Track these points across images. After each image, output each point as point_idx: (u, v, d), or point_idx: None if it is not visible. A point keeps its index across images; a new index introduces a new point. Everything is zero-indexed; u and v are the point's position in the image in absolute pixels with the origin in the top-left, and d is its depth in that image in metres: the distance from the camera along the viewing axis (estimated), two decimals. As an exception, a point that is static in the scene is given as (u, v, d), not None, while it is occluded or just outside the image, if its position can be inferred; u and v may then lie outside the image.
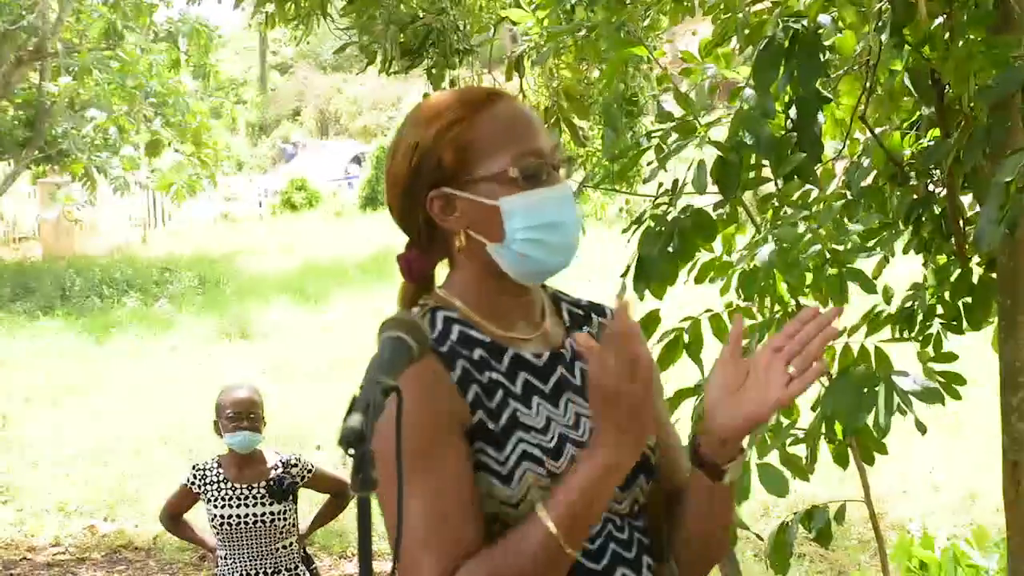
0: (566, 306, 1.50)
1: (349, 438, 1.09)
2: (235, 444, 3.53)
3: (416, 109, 1.42)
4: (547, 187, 1.36)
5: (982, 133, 2.61)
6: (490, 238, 1.36)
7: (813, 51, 2.51)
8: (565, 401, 1.39)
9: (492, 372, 1.35)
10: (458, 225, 1.37)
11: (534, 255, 1.36)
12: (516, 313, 1.41)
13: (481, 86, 1.46)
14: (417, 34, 4.77)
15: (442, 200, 1.37)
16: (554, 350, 1.42)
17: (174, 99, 12.83)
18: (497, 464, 1.30)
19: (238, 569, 3.54)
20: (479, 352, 1.36)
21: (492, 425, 1.31)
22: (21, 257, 17.00)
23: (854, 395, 2.33)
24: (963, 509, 5.91)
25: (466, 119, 1.37)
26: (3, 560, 5.94)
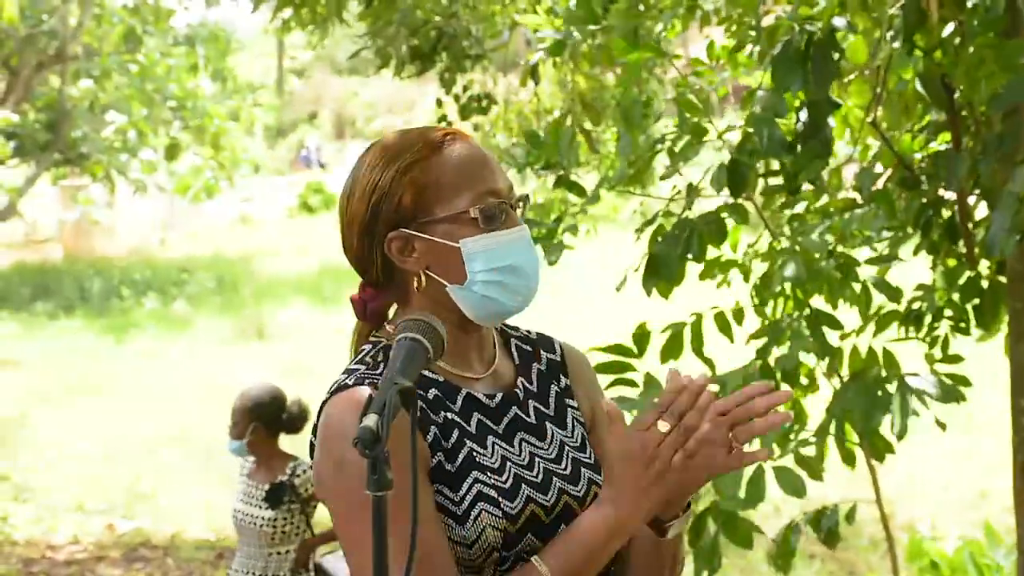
0: (515, 341, 1.49)
1: (364, 439, 1.11)
2: (230, 450, 3.59)
3: (371, 150, 1.41)
4: (506, 229, 1.37)
5: (994, 140, 2.62)
6: (450, 280, 1.36)
7: (827, 55, 2.54)
8: (519, 441, 1.39)
9: (447, 412, 1.35)
10: (417, 266, 1.37)
11: (496, 297, 1.36)
12: (470, 352, 1.41)
13: (437, 126, 1.46)
14: (429, 38, 4.81)
15: (401, 241, 1.37)
16: (507, 390, 1.42)
17: (192, 103, 12.92)
18: (452, 504, 1.30)
19: (240, 564, 3.58)
20: (433, 391, 1.36)
21: (449, 466, 1.31)
22: (41, 258, 17.13)
23: (867, 397, 2.34)
24: (973, 509, 5.89)
25: (425, 159, 1.37)
26: (23, 558, 6.01)
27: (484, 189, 1.37)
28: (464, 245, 1.35)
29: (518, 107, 6.25)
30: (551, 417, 1.44)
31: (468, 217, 1.36)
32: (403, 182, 1.36)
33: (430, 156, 1.37)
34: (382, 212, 1.37)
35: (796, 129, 2.63)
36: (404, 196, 1.36)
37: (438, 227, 1.36)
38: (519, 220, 1.40)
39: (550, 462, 1.39)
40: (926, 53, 2.72)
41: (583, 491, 1.39)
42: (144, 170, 13.33)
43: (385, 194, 1.37)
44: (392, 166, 1.37)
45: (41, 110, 13.17)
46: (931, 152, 3.01)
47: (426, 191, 1.36)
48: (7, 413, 8.71)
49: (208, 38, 13.69)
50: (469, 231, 1.36)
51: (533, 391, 1.45)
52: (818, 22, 2.59)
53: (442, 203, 1.36)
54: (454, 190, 1.36)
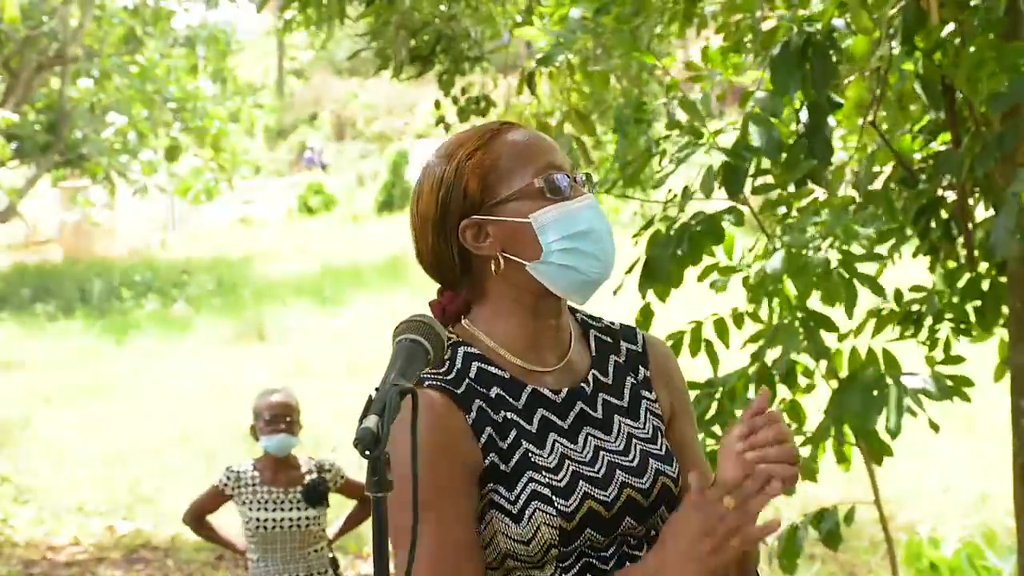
0: (594, 333, 1.49)
1: (364, 440, 1.12)
2: (271, 447, 3.54)
3: (432, 154, 1.45)
4: (573, 200, 1.39)
5: (994, 140, 2.62)
6: (527, 256, 1.38)
7: (826, 55, 2.54)
8: (584, 436, 1.39)
9: (508, 411, 1.36)
10: (492, 250, 1.38)
11: (575, 265, 1.37)
12: (545, 341, 1.42)
13: (492, 121, 1.49)
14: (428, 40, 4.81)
15: (474, 228, 1.39)
16: (573, 387, 1.42)
17: (193, 104, 12.93)
18: (508, 503, 1.32)
19: (271, 571, 3.54)
20: (496, 390, 1.37)
21: (503, 466, 1.33)
22: (41, 260, 17.14)
23: (864, 397, 2.35)
24: (974, 511, 5.89)
25: (484, 146, 1.40)
26: (23, 559, 6.01)
27: (545, 163, 1.40)
28: (534, 219, 1.37)
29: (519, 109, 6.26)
30: (622, 409, 1.44)
31: (534, 190, 1.38)
32: (466, 170, 1.39)
33: (489, 142, 1.41)
34: (451, 203, 1.39)
35: (796, 130, 2.63)
36: (469, 183, 1.39)
37: (507, 207, 1.38)
38: (585, 191, 1.42)
39: (616, 455, 1.39)
40: (926, 54, 2.72)
41: (649, 483, 1.39)
42: (144, 171, 13.35)
43: (451, 186, 1.39)
44: (454, 159, 1.41)
45: (41, 111, 13.19)
46: (931, 152, 3.02)
47: (490, 174, 1.39)
48: (7, 414, 8.71)
49: (208, 39, 13.71)
50: (537, 205, 1.38)
51: (606, 383, 1.45)
52: (817, 23, 2.60)
53: (506, 183, 1.39)
54: (516, 168, 1.39)
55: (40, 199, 17.60)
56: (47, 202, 18.44)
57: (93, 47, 12.26)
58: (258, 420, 3.56)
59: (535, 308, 1.40)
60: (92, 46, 12.25)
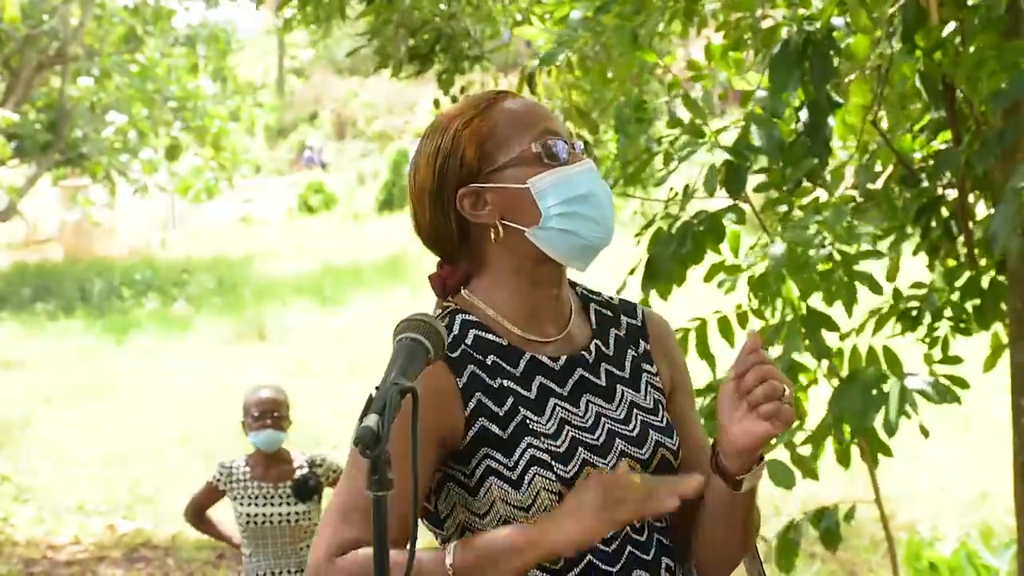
0: (594, 306, 1.48)
1: (365, 439, 1.12)
2: (259, 442, 3.56)
3: (428, 127, 1.44)
4: (571, 164, 1.39)
5: (994, 137, 2.62)
6: (526, 222, 1.37)
7: (826, 54, 2.54)
8: (585, 402, 1.38)
9: (505, 379, 1.35)
10: (491, 218, 1.38)
11: (574, 229, 1.36)
12: (545, 312, 1.41)
13: (488, 90, 1.49)
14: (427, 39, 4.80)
15: (472, 196, 1.38)
16: (572, 354, 1.41)
17: (193, 103, 12.94)
18: (507, 469, 1.31)
19: (262, 567, 3.56)
20: (492, 357, 1.36)
21: (501, 432, 1.32)
22: (42, 259, 17.14)
23: (863, 396, 2.35)
24: (974, 510, 5.90)
25: (480, 114, 1.39)
26: (24, 559, 6.02)
27: (542, 128, 1.39)
28: (532, 184, 1.37)
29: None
30: (624, 379, 1.43)
31: (531, 154, 1.38)
32: (462, 138, 1.39)
33: (485, 110, 1.40)
34: (448, 172, 1.39)
35: (796, 129, 2.63)
36: (466, 151, 1.38)
37: (504, 173, 1.38)
38: (583, 156, 1.42)
39: (617, 423, 1.39)
40: (926, 53, 2.72)
41: (648, 454, 1.39)
42: (145, 170, 13.35)
43: (448, 154, 1.39)
44: (450, 128, 1.40)
45: (42, 110, 13.19)
46: (931, 151, 3.02)
47: (487, 141, 1.38)
48: (8, 414, 8.72)
49: (208, 38, 13.72)
50: (535, 170, 1.37)
51: (608, 354, 1.44)
52: (816, 21, 2.60)
53: (504, 149, 1.38)
54: (513, 135, 1.39)
55: (40, 198, 17.60)
56: (47, 201, 18.45)
57: (93, 46, 12.27)
58: (247, 416, 3.58)
59: (535, 276, 1.39)
60: (92, 45, 12.26)
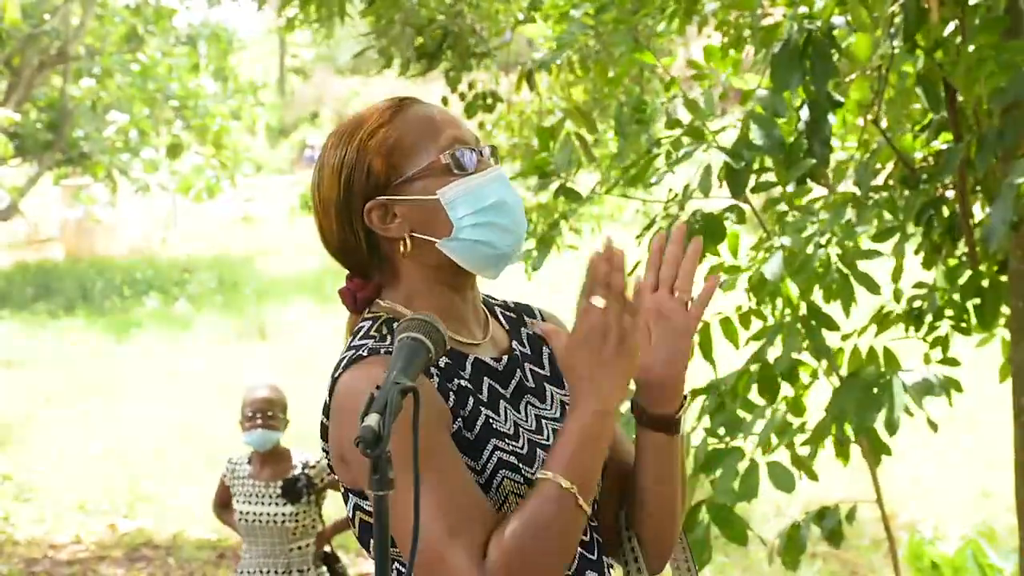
0: (499, 310, 1.48)
1: (366, 438, 1.11)
2: (251, 442, 3.57)
3: (330, 137, 1.40)
4: (481, 173, 1.36)
5: (994, 136, 2.62)
6: (437, 234, 1.34)
7: (826, 54, 2.54)
8: (525, 404, 1.38)
9: (460, 380, 1.33)
10: (400, 231, 1.35)
11: (487, 239, 1.34)
12: (468, 315, 1.40)
13: (391, 97, 1.45)
14: (434, 37, 4.80)
15: (380, 209, 1.35)
16: (509, 353, 1.41)
17: (194, 102, 12.94)
18: (475, 473, 1.29)
19: (253, 565, 3.58)
20: (444, 359, 1.33)
21: (468, 433, 1.30)
22: (43, 258, 17.14)
23: (864, 395, 2.35)
24: (975, 509, 5.89)
25: (385, 124, 1.36)
26: (25, 558, 6.02)
27: (451, 137, 1.37)
28: (442, 195, 1.34)
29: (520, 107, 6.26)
30: (548, 378, 1.43)
31: (440, 166, 1.35)
32: (368, 150, 1.35)
33: (391, 119, 1.37)
34: (355, 185, 1.36)
35: (797, 128, 2.63)
36: (373, 163, 1.35)
37: (413, 185, 1.35)
38: (492, 163, 1.39)
39: (555, 422, 1.38)
40: (927, 52, 2.72)
41: None
42: (146, 169, 13.36)
43: (353, 167, 1.36)
44: (354, 139, 1.37)
45: (43, 110, 13.19)
46: (932, 151, 3.01)
47: (393, 153, 1.35)
48: (9, 413, 8.72)
49: (210, 38, 13.71)
50: (444, 180, 1.35)
51: (528, 353, 1.44)
52: (817, 21, 2.60)
53: (411, 160, 1.35)
54: (421, 145, 1.36)
55: (42, 197, 17.61)
56: (49, 200, 18.46)
57: (95, 45, 12.27)
58: (242, 415, 3.59)
59: (453, 283, 1.37)
60: (94, 44, 12.26)
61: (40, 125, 13.01)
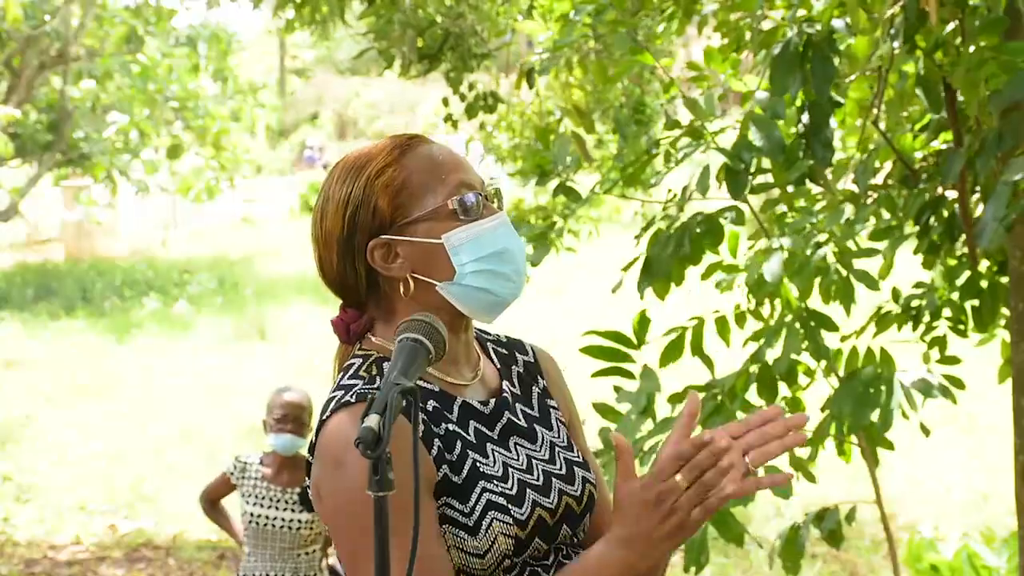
0: (491, 346, 1.48)
1: (366, 440, 1.12)
2: (278, 445, 3.56)
3: (336, 168, 1.40)
4: (486, 218, 1.36)
5: (994, 138, 2.62)
6: (438, 277, 1.34)
7: (826, 56, 2.54)
8: (514, 444, 1.38)
9: (447, 423, 1.33)
10: (402, 271, 1.35)
11: (488, 287, 1.34)
12: (460, 355, 1.40)
13: (400, 134, 1.44)
14: (435, 38, 4.81)
15: (383, 248, 1.35)
16: (496, 395, 1.41)
17: (194, 103, 12.94)
18: (463, 516, 1.29)
19: (259, 568, 3.57)
20: (432, 403, 1.34)
21: (455, 478, 1.30)
22: (43, 259, 17.15)
23: (861, 395, 2.35)
24: (975, 511, 5.89)
25: (394, 163, 1.36)
26: (25, 558, 6.02)
27: (457, 182, 1.37)
28: (447, 239, 1.35)
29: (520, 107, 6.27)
30: (537, 419, 1.44)
31: (447, 211, 1.35)
32: (375, 188, 1.35)
33: (399, 159, 1.37)
34: (359, 223, 1.35)
35: (797, 130, 2.63)
36: (379, 202, 1.35)
37: (418, 227, 1.35)
38: (496, 208, 1.39)
39: (546, 463, 1.39)
40: (926, 53, 2.72)
41: (579, 490, 1.39)
42: (146, 170, 13.36)
43: (359, 204, 1.35)
44: (362, 176, 1.36)
45: (43, 111, 13.19)
46: (932, 151, 3.02)
47: (400, 193, 1.35)
48: (9, 413, 8.72)
49: (210, 38, 13.71)
50: (449, 225, 1.35)
51: (518, 394, 1.44)
52: (816, 23, 2.60)
53: (418, 202, 1.35)
54: (428, 187, 1.36)
55: (42, 198, 17.61)
56: (49, 201, 18.45)
57: (95, 46, 12.27)
58: (269, 415, 3.58)
59: (449, 324, 1.35)
60: (94, 45, 12.26)
61: (40, 126, 13.01)
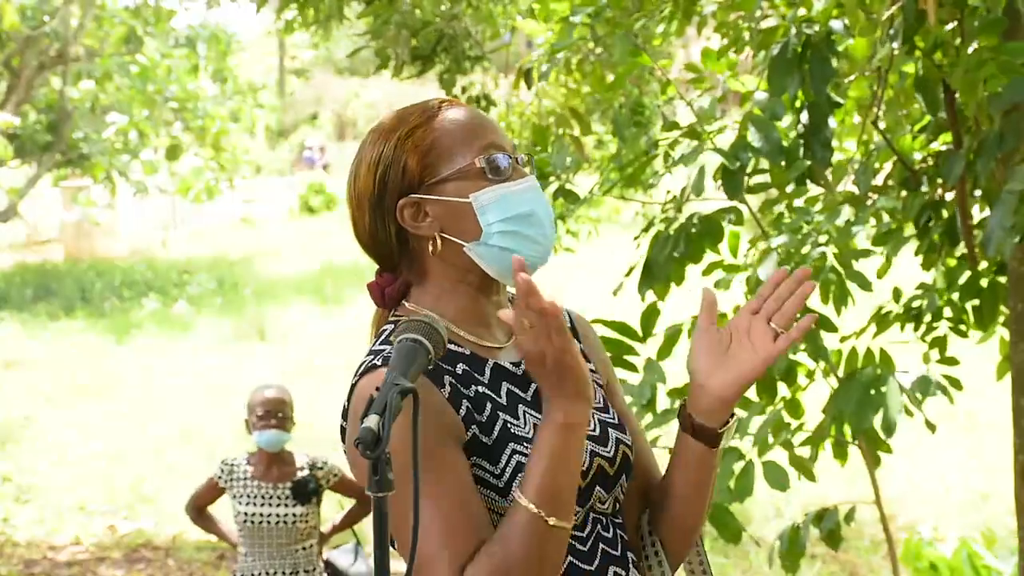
0: None
1: (365, 440, 1.12)
2: (262, 442, 3.57)
3: (370, 133, 1.43)
4: (514, 181, 1.38)
5: (994, 139, 2.62)
6: (465, 237, 1.36)
7: (825, 57, 2.55)
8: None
9: (477, 385, 1.35)
10: (431, 230, 1.37)
11: (513, 247, 1.35)
12: (492, 317, 1.41)
13: (432, 98, 1.46)
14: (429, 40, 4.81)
15: (412, 207, 1.37)
16: None
17: (193, 104, 12.94)
18: (493, 477, 1.31)
19: (257, 567, 3.58)
20: (461, 366, 1.35)
21: (485, 439, 1.32)
22: (43, 259, 17.15)
23: (861, 396, 2.36)
24: (974, 511, 5.90)
25: (424, 124, 1.38)
26: (24, 559, 6.02)
27: (486, 143, 1.38)
28: (475, 199, 1.36)
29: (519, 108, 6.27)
30: None
31: (475, 170, 1.37)
32: (405, 148, 1.38)
33: (429, 120, 1.39)
34: (389, 182, 1.38)
35: (796, 130, 2.64)
36: (409, 161, 1.37)
37: (447, 186, 1.36)
38: (526, 174, 1.41)
39: None
40: (925, 54, 2.72)
41: (612, 451, 1.40)
42: (145, 171, 13.35)
43: (390, 164, 1.38)
44: (392, 136, 1.39)
45: (42, 111, 13.20)
46: (932, 152, 3.02)
47: (430, 152, 1.37)
48: (9, 414, 8.72)
49: (209, 39, 13.72)
50: (478, 185, 1.37)
51: None
52: (815, 24, 2.60)
53: (447, 161, 1.37)
54: (458, 147, 1.37)
55: (41, 199, 17.61)
56: (48, 202, 18.45)
57: (94, 47, 12.27)
58: (251, 414, 3.59)
59: (480, 286, 1.39)
60: (93, 46, 12.26)
61: (39, 127, 13.01)
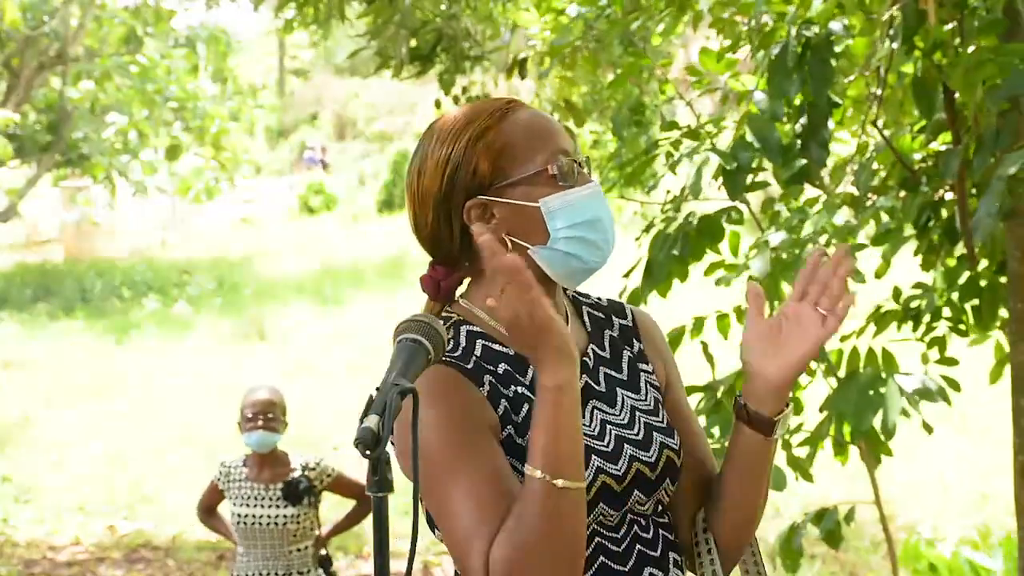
0: (586, 309, 1.50)
1: (365, 440, 1.12)
2: (250, 443, 3.58)
3: (435, 128, 1.43)
4: (581, 186, 1.39)
5: (991, 137, 2.62)
6: (532, 241, 1.38)
7: (824, 58, 2.55)
8: (591, 409, 1.40)
9: (517, 386, 1.36)
10: (497, 232, 1.37)
11: (579, 253, 1.37)
12: None
13: (498, 97, 1.47)
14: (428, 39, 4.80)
15: (480, 208, 1.38)
16: (580, 357, 1.42)
17: (193, 104, 12.94)
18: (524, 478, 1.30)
19: (252, 568, 3.58)
20: (503, 366, 1.37)
21: (520, 440, 1.33)
22: (42, 259, 17.14)
23: (861, 397, 2.36)
24: (974, 511, 5.90)
25: (495, 126, 1.39)
26: (24, 559, 6.02)
27: (556, 148, 1.40)
28: (544, 204, 1.37)
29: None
30: (623, 382, 1.45)
31: (546, 176, 1.38)
32: (476, 149, 1.38)
33: (500, 122, 1.40)
34: (458, 182, 1.38)
35: (795, 130, 2.64)
36: (480, 163, 1.38)
37: (516, 189, 1.38)
38: (590, 177, 1.42)
39: (621, 428, 1.40)
40: (925, 54, 2.72)
41: (655, 456, 1.40)
42: (145, 171, 13.37)
43: (460, 164, 1.38)
44: (463, 136, 1.39)
45: (42, 111, 13.20)
46: (931, 152, 3.02)
47: (501, 155, 1.38)
48: (8, 414, 8.72)
49: (209, 39, 13.73)
50: (547, 190, 1.38)
51: (605, 357, 1.46)
52: (815, 25, 2.60)
53: (517, 165, 1.38)
54: (528, 151, 1.39)
55: (41, 199, 17.61)
56: (48, 202, 18.45)
57: (94, 47, 12.27)
58: (241, 416, 3.59)
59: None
60: (93, 46, 12.27)
61: (39, 127, 13.02)
